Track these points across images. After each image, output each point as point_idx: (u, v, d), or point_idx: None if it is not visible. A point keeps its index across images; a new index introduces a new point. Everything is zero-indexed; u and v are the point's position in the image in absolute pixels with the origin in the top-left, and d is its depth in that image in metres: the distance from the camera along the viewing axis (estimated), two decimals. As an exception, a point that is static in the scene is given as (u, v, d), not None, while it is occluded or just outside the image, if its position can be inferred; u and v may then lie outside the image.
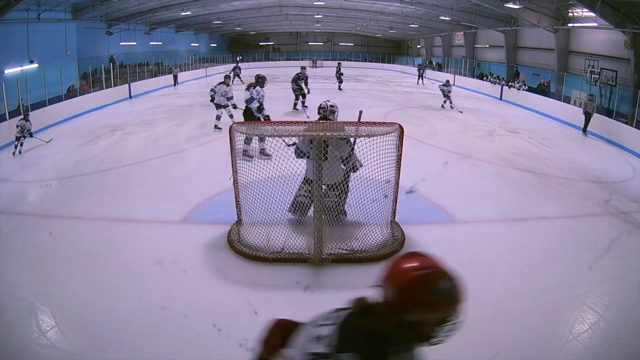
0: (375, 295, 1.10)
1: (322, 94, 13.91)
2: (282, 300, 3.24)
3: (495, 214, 4.88)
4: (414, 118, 10.95)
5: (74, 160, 7.06)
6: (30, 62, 12.70)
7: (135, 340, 2.79)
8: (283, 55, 31.29)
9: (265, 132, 4.08)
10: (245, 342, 2.75)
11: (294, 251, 3.79)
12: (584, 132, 10.00)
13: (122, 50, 19.15)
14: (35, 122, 9.42)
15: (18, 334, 2.82)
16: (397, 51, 34.10)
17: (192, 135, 8.70)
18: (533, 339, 2.84)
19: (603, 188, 6.07)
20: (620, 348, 2.83)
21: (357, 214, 4.15)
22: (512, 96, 15.09)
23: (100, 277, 3.47)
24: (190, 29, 25.49)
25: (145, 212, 4.76)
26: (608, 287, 3.59)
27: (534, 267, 3.76)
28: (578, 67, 13.85)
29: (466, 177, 6.28)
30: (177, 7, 18.36)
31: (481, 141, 8.64)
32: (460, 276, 1.09)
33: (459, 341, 2.85)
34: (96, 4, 14.83)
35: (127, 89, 15.17)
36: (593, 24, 11.84)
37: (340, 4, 20.74)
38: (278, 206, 3.95)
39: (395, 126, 3.82)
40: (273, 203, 3.88)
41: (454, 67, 22.00)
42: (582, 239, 4.23)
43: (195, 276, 3.54)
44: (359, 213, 4.11)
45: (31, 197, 5.63)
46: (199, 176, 6.00)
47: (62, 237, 4.19)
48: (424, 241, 4.11)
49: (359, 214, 4.13)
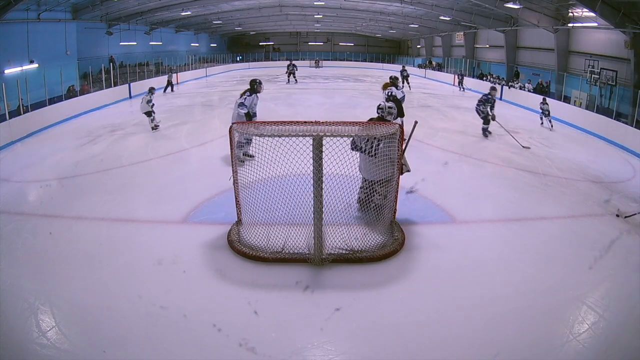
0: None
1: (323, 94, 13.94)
2: (282, 300, 3.24)
3: (495, 214, 4.88)
4: (414, 118, 10.90)
5: (74, 160, 7.05)
6: (30, 62, 12.70)
7: (135, 340, 2.79)
8: (283, 55, 31.25)
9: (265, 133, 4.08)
10: (245, 342, 2.75)
11: (294, 251, 3.79)
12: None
13: (122, 50, 19.14)
14: (35, 122, 9.46)
15: (18, 334, 2.82)
16: (397, 51, 34.10)
17: (192, 135, 8.70)
18: (533, 339, 2.84)
19: (603, 188, 6.06)
20: (620, 348, 2.83)
21: (357, 214, 4.16)
22: (512, 96, 15.09)
23: (100, 277, 3.48)
24: (190, 29, 25.50)
25: (145, 212, 4.76)
26: (608, 287, 3.59)
27: (534, 267, 3.76)
28: (578, 67, 13.85)
29: (466, 177, 6.28)
30: (177, 7, 18.35)
31: (481, 141, 8.63)
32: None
33: (459, 341, 2.88)
34: (96, 4, 14.83)
35: (127, 89, 15.17)
36: (593, 24, 11.84)
37: (340, 4, 20.74)
38: (278, 206, 3.96)
39: (396, 126, 3.83)
40: (273, 203, 3.88)
41: (454, 67, 21.99)
42: (582, 239, 4.22)
43: (195, 276, 3.54)
44: (359, 213, 4.11)
45: (31, 197, 5.63)
46: (199, 176, 6.00)
47: (62, 237, 4.19)
48: (424, 241, 4.11)
49: (359, 214, 4.13)
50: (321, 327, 2.92)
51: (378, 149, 4.08)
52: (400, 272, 3.64)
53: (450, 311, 3.14)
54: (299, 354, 2.70)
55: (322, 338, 2.84)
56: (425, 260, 3.81)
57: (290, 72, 18.72)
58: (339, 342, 2.84)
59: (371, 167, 4.23)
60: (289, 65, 18.99)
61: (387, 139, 4.02)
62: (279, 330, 2.91)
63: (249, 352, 2.68)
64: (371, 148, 4.20)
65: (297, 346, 2.76)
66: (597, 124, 10.00)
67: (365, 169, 4.35)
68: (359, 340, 2.86)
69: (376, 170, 4.17)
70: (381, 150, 4.08)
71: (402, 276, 3.58)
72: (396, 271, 3.64)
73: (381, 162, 4.11)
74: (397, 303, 3.23)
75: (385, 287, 3.43)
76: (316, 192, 3.56)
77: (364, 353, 2.76)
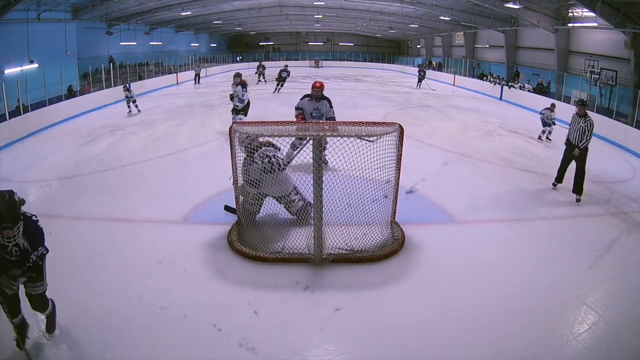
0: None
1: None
2: (282, 300, 3.24)
3: (495, 214, 4.88)
4: (414, 118, 10.95)
5: (74, 160, 7.05)
6: (30, 62, 12.70)
7: (135, 340, 2.79)
8: (283, 55, 31.25)
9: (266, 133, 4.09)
10: (245, 342, 2.75)
11: (294, 251, 3.79)
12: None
13: (122, 50, 19.14)
14: (36, 122, 9.46)
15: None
16: (397, 51, 34.09)
17: (192, 135, 8.69)
18: (533, 339, 2.84)
19: (603, 188, 6.07)
20: (620, 348, 2.83)
21: (357, 214, 4.15)
22: (512, 96, 15.09)
23: (100, 277, 3.47)
24: (190, 29, 25.49)
25: (145, 212, 4.76)
26: (608, 287, 3.59)
27: (534, 267, 3.76)
28: (578, 67, 13.85)
29: (466, 177, 6.27)
30: (177, 7, 18.36)
31: (481, 141, 8.63)
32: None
33: (459, 341, 2.88)
34: (96, 4, 14.83)
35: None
36: (593, 24, 11.84)
37: (340, 4, 20.74)
38: (278, 206, 3.96)
39: (395, 126, 3.83)
40: (273, 203, 3.88)
41: (454, 67, 21.99)
42: (582, 239, 4.22)
43: (195, 276, 3.54)
44: (359, 213, 4.11)
45: (31, 197, 5.62)
46: (199, 176, 5.99)
47: (62, 237, 4.18)
48: (424, 241, 4.11)
49: (359, 214, 4.13)
50: (321, 327, 2.92)
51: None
52: (400, 272, 3.64)
53: (450, 311, 3.14)
54: (299, 354, 2.70)
55: (322, 338, 2.84)
56: (425, 260, 3.81)
57: (259, 72, 18.77)
58: (339, 342, 2.84)
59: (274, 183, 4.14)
60: (259, 66, 19.14)
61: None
62: (279, 330, 2.91)
63: (249, 352, 2.68)
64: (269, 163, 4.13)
65: (297, 346, 2.76)
66: (597, 124, 9.97)
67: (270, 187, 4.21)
68: (359, 340, 2.86)
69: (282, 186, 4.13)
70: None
71: (402, 276, 3.58)
72: (396, 271, 3.64)
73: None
74: (397, 303, 3.23)
75: (385, 287, 3.43)
76: (316, 192, 3.56)
77: (364, 353, 2.76)
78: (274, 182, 4.04)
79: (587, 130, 5.36)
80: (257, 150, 4.10)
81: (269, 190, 4.10)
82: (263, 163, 4.03)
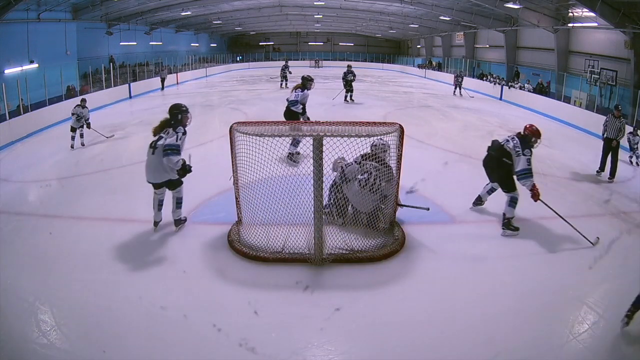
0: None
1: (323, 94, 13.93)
2: (282, 300, 3.24)
3: (495, 214, 4.87)
4: (414, 118, 10.94)
5: (74, 160, 7.05)
6: (30, 62, 12.70)
7: (135, 340, 2.79)
8: (283, 55, 31.26)
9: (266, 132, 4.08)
10: (245, 342, 2.75)
11: (294, 251, 3.79)
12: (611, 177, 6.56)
13: (122, 50, 19.14)
14: (36, 122, 9.46)
15: (18, 334, 2.82)
16: (397, 51, 34.10)
17: (192, 135, 8.63)
18: (533, 339, 2.84)
19: (603, 188, 6.07)
20: (620, 348, 2.83)
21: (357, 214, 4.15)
22: (512, 96, 15.09)
23: (100, 277, 3.47)
24: (190, 29, 25.50)
25: (146, 212, 4.74)
26: (608, 287, 3.59)
27: (534, 267, 3.77)
28: (578, 67, 13.85)
29: (466, 177, 6.26)
30: (177, 7, 18.36)
31: (481, 141, 8.59)
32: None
33: (459, 341, 2.87)
34: (96, 4, 14.83)
35: (127, 89, 15.17)
36: (593, 24, 11.84)
37: (340, 4, 20.74)
38: (278, 206, 3.95)
39: (396, 126, 3.83)
40: (273, 203, 3.88)
41: (454, 67, 21.99)
42: (582, 239, 4.22)
43: (195, 276, 3.54)
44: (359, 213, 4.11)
45: (31, 197, 5.63)
46: (199, 176, 5.96)
47: (62, 237, 4.19)
48: (424, 241, 4.11)
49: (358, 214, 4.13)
50: (321, 327, 2.92)
51: (375, 184, 4.01)
52: (401, 272, 3.63)
53: (450, 311, 3.14)
54: (299, 354, 2.70)
55: (322, 338, 2.84)
56: (425, 260, 3.81)
57: (284, 75, 16.82)
58: (339, 342, 2.84)
59: (362, 199, 4.09)
60: (284, 68, 16.96)
61: (385, 176, 4.02)
62: (279, 330, 2.91)
63: (249, 352, 2.68)
64: (367, 181, 4.07)
65: (297, 346, 2.76)
66: (597, 124, 9.98)
67: (355, 198, 4.17)
68: (359, 340, 2.86)
69: (367, 203, 4.08)
70: (378, 186, 4.03)
71: (402, 276, 3.58)
72: (396, 271, 3.64)
73: (374, 196, 4.07)
74: (397, 303, 3.23)
75: (385, 287, 3.43)
76: (316, 192, 3.56)
77: (364, 353, 2.76)
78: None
79: (622, 128, 6.73)
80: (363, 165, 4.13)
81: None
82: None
